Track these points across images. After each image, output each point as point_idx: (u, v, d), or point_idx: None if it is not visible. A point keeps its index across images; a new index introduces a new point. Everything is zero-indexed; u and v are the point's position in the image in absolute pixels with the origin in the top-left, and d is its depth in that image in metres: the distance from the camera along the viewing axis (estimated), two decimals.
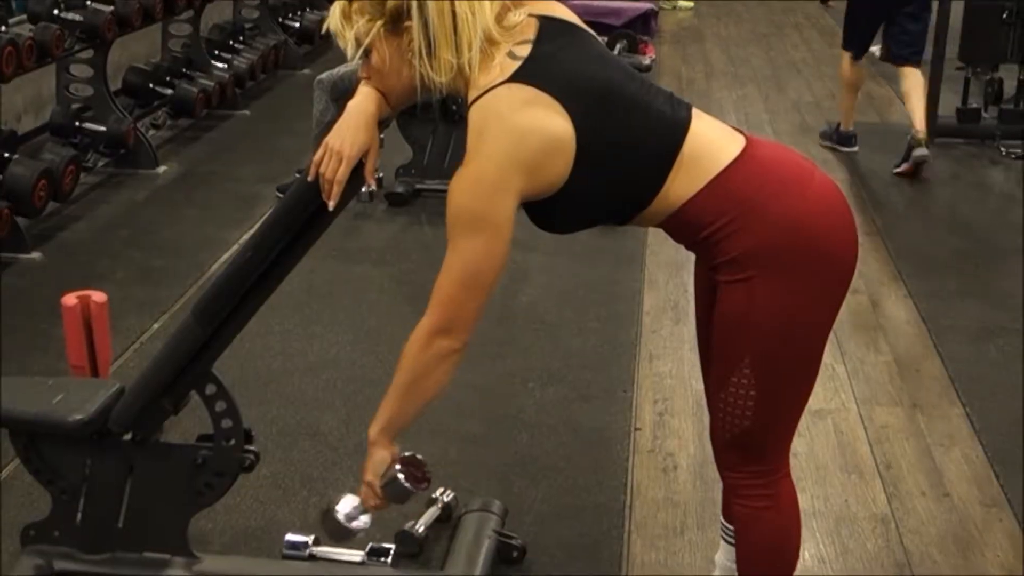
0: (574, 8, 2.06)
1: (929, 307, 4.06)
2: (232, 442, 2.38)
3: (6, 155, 4.52)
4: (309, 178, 2.03)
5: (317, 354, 3.67)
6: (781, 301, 1.86)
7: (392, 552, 2.53)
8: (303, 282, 4.20)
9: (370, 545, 2.53)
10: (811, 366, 1.96)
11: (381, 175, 5.13)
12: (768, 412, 1.94)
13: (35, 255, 4.42)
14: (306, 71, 7.39)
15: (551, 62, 1.86)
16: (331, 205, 2.02)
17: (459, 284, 1.89)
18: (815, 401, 3.37)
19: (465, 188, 1.85)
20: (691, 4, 10.55)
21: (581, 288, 4.18)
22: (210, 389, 2.34)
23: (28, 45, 4.53)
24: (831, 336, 3.76)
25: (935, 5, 5.96)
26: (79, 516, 2.46)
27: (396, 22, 1.88)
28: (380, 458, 2.05)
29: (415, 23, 1.85)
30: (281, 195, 5.00)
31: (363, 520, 2.15)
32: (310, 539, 2.56)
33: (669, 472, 3.02)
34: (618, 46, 7.21)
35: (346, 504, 2.15)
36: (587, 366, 3.60)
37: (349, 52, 1.93)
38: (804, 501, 2.85)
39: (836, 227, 1.90)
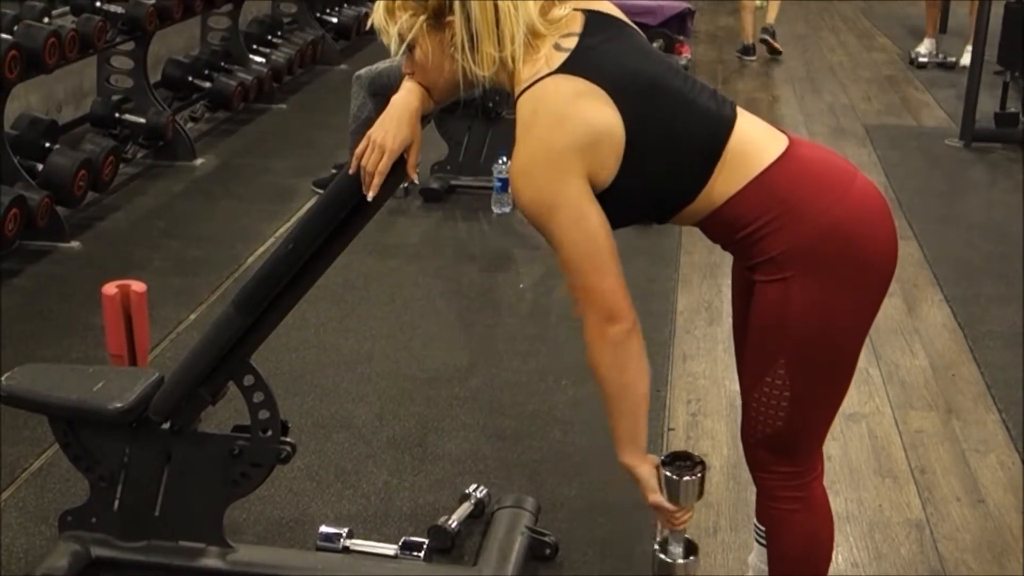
0: None
1: (965, 312, 4.03)
2: (269, 433, 2.39)
3: (47, 145, 4.57)
4: (351, 171, 2.04)
5: (352, 348, 3.69)
6: (818, 302, 1.85)
7: (425, 547, 2.54)
8: (339, 276, 4.22)
9: (403, 539, 2.55)
10: (846, 369, 1.95)
11: (417, 171, 5.15)
12: (801, 414, 1.93)
13: (74, 244, 4.47)
14: (343, 66, 7.43)
15: (598, 55, 1.85)
16: (370, 196, 2.03)
17: (581, 272, 1.86)
18: (849, 404, 3.37)
19: (524, 181, 1.84)
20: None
21: None
22: (248, 380, 2.36)
23: (71, 37, 4.57)
24: (866, 339, 3.80)
25: (974, 8, 5.92)
26: (116, 503, 2.49)
27: (439, 17, 1.88)
28: (645, 475, 1.96)
29: (457, 18, 1.85)
30: (317, 189, 5.03)
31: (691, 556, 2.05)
32: (344, 531, 2.58)
33: None
34: (655, 44, 7.22)
35: (673, 547, 2.04)
36: None
37: (393, 47, 1.93)
38: (838, 505, 2.86)
39: (876, 231, 1.89)
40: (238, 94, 6.04)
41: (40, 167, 4.46)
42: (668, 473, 1.95)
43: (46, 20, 4.74)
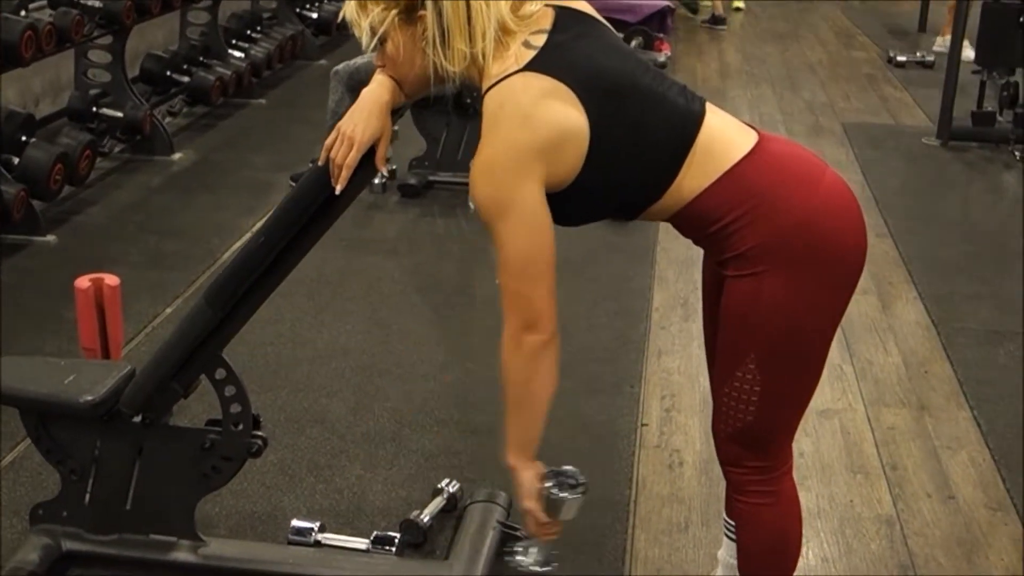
0: (592, 4, 2.05)
1: (939, 310, 4.05)
2: (240, 427, 2.39)
3: (23, 138, 4.54)
4: (320, 162, 2.04)
5: (327, 342, 3.69)
6: (788, 297, 1.86)
7: (396, 541, 2.54)
8: (314, 271, 4.22)
9: (375, 534, 2.55)
10: (816, 364, 1.97)
11: (395, 167, 5.16)
12: (771, 408, 1.94)
13: (50, 238, 4.45)
14: (323, 61, 7.42)
15: (567, 52, 1.86)
16: (338, 189, 2.03)
17: (516, 276, 1.86)
18: (822, 401, 3.40)
19: (482, 179, 1.84)
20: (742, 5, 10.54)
21: (591, 283, 4.18)
22: (220, 373, 2.35)
23: (48, 30, 4.55)
24: (840, 336, 3.83)
25: (956, 7, 5.96)
26: (88, 497, 2.48)
27: (411, 11, 1.88)
28: (527, 480, 1.97)
29: (429, 13, 1.85)
30: (294, 184, 5.02)
31: (552, 559, 2.07)
32: (315, 525, 2.58)
33: (675, 468, 3.03)
34: (633, 43, 7.23)
35: (531, 552, 2.06)
36: (595, 361, 3.60)
37: (364, 41, 1.93)
38: (809, 500, 2.89)
39: (845, 226, 1.90)
40: (216, 89, 6.03)
41: (16, 161, 4.44)
42: (549, 487, 1.97)
43: (23, 13, 4.71)
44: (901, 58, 8.22)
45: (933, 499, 2.93)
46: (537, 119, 1.82)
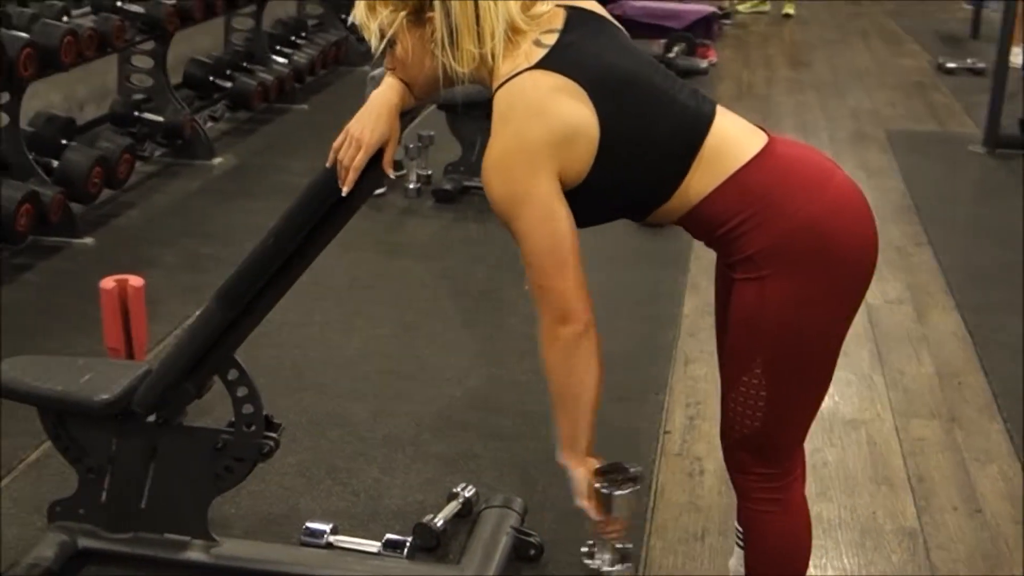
0: (635, 11, 2.04)
1: (976, 320, 3.98)
2: (252, 428, 2.40)
3: (64, 142, 4.61)
4: (327, 163, 2.05)
5: (355, 346, 3.70)
6: (794, 302, 1.84)
7: (408, 544, 2.54)
8: (346, 275, 4.25)
9: (386, 537, 2.55)
10: (824, 372, 1.93)
11: (431, 172, 5.17)
12: (778, 415, 1.91)
13: (87, 240, 4.51)
14: (366, 67, 7.42)
15: (578, 51, 1.85)
16: (345, 191, 2.03)
17: (541, 270, 1.85)
18: (850, 411, 3.35)
19: (495, 175, 1.83)
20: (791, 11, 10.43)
21: (622, 289, 4.16)
22: (232, 374, 2.37)
23: (89, 35, 4.61)
24: (871, 346, 3.77)
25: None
26: (104, 495, 2.51)
27: (419, 12, 1.88)
28: (579, 478, 1.94)
29: (437, 14, 1.85)
30: None
31: (625, 556, 2.06)
32: (328, 527, 2.58)
33: (695, 476, 3.00)
34: (676, 49, 7.21)
35: (599, 554, 2.04)
36: (621, 367, 3.57)
37: (373, 43, 1.94)
38: (830, 511, 2.85)
39: (854, 230, 1.87)
40: (258, 94, 6.08)
41: (56, 164, 4.51)
42: (599, 485, 1.93)
43: (65, 19, 4.78)
44: (951, 65, 8.10)
45: (959, 512, 2.87)
46: (548, 114, 1.81)
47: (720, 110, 1.93)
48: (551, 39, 1.85)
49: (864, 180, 5.63)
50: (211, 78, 6.03)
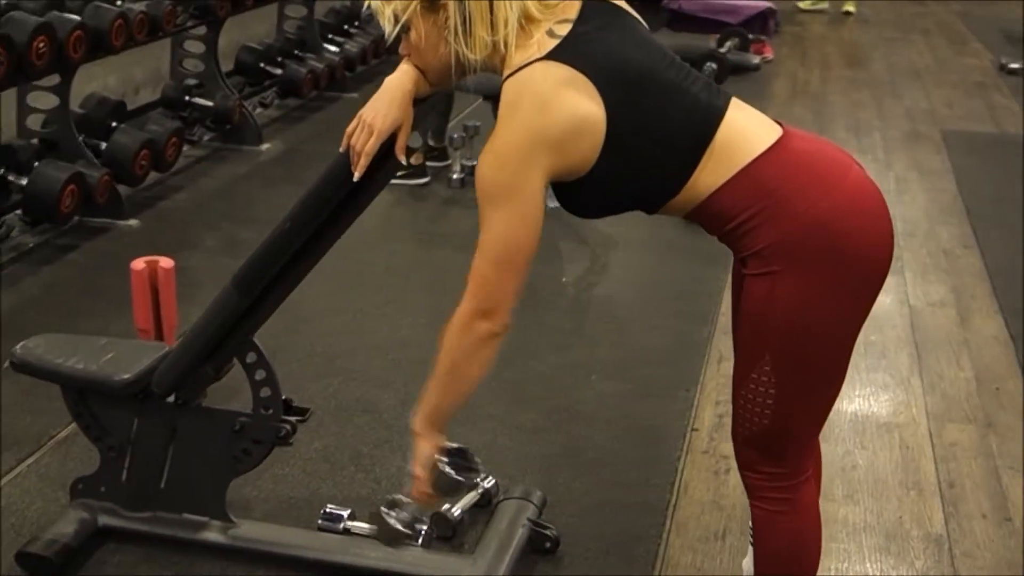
0: (691, 5, 2.01)
1: (1020, 325, 3.89)
2: (270, 411, 2.41)
3: (113, 124, 4.67)
4: (341, 148, 2.05)
5: (387, 334, 3.71)
6: (803, 299, 1.80)
7: (423, 532, 2.53)
8: (383, 263, 4.26)
9: None
10: (834, 371, 1.90)
11: (475, 163, 5.15)
12: (787, 413, 1.88)
13: (132, 222, 4.56)
14: None
15: (589, 42, 1.83)
16: (356, 175, 2.04)
17: (493, 263, 1.86)
18: (884, 413, 3.30)
19: (492, 161, 1.83)
20: (853, 8, 10.27)
21: (660, 285, 4.13)
22: (251, 357, 2.38)
23: (139, 19, 4.66)
24: (911, 348, 3.71)
25: None
26: (124, 473, 2.54)
27: None
28: (426, 450, 1.99)
29: (451, 0, 1.84)
30: None
31: (418, 524, 2.16)
32: (346, 513, 2.59)
33: (720, 475, 2.97)
34: (728, 44, 7.13)
35: (402, 511, 2.13)
36: (653, 362, 3.56)
37: (387, 29, 1.93)
38: (856, 515, 2.81)
39: (866, 227, 1.83)
40: (308, 82, 6.11)
41: (104, 146, 4.57)
42: (447, 466, 2.00)
43: (119, 3, 4.83)
44: (1014, 65, 7.94)
45: (988, 520, 2.81)
46: (553, 107, 1.80)
47: (734, 103, 1.90)
48: (564, 30, 1.84)
49: (916, 180, 5.54)
50: (262, 64, 6.07)
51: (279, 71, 6.11)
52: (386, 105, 2.00)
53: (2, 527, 2.62)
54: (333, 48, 6.61)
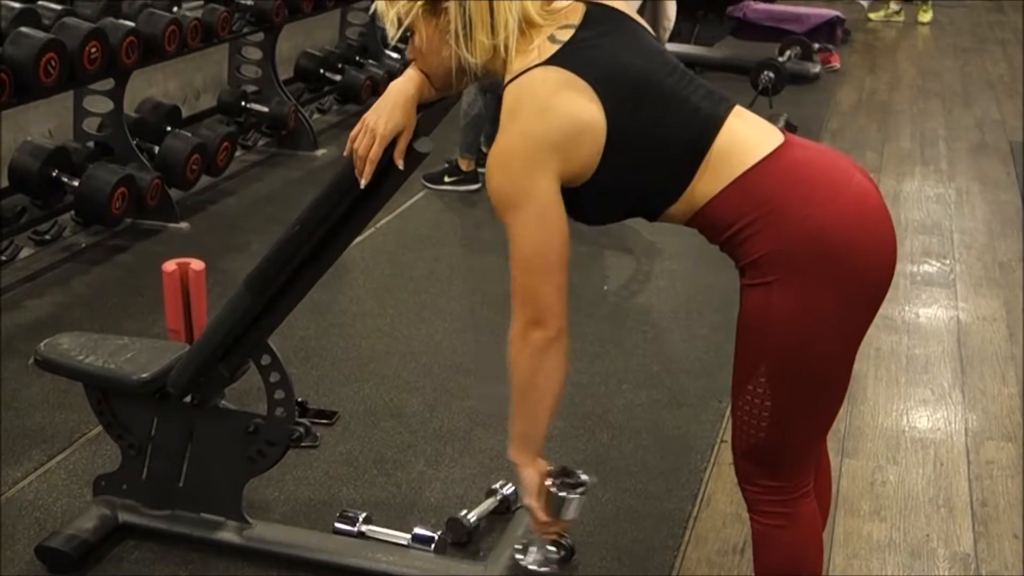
0: (756, 13, 1.99)
1: None
2: (284, 413, 2.43)
3: (167, 128, 4.75)
4: (344, 153, 2.06)
5: (421, 339, 3.72)
6: (799, 310, 1.77)
7: (436, 538, 2.53)
8: (426, 267, 4.27)
9: (415, 531, 2.55)
10: (832, 385, 1.86)
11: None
12: (783, 426, 1.85)
13: (183, 225, 4.63)
14: None
15: (591, 48, 1.82)
16: (362, 183, 2.04)
17: (526, 270, 1.85)
18: (920, 428, 3.23)
19: (497, 168, 1.83)
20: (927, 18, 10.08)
21: (700, 295, 4.08)
22: (265, 360, 2.40)
23: (193, 25, 4.74)
24: (954, 363, 3.62)
25: None
26: (145, 472, 2.57)
27: (435, 2, 1.87)
28: (530, 478, 1.94)
29: (452, 3, 1.84)
30: (427, 183, 5.10)
31: (551, 556, 2.09)
32: (361, 516, 2.59)
33: None
34: (788, 52, 7.03)
35: (530, 551, 2.08)
36: (687, 372, 3.52)
37: (391, 32, 1.94)
38: (881, 531, 2.75)
39: (867, 238, 1.78)
40: (366, 88, 6.15)
41: (157, 150, 4.65)
42: (550, 485, 1.93)
43: (175, 9, 4.92)
44: None
45: (1019, 541, 2.73)
46: (553, 111, 1.79)
47: (736, 112, 1.87)
48: (565, 35, 1.83)
49: (978, 192, 5.41)
50: (321, 70, 6.13)
51: (338, 77, 6.16)
52: (388, 110, 2.00)
53: (26, 521, 2.67)
54: (395, 55, 6.65)
